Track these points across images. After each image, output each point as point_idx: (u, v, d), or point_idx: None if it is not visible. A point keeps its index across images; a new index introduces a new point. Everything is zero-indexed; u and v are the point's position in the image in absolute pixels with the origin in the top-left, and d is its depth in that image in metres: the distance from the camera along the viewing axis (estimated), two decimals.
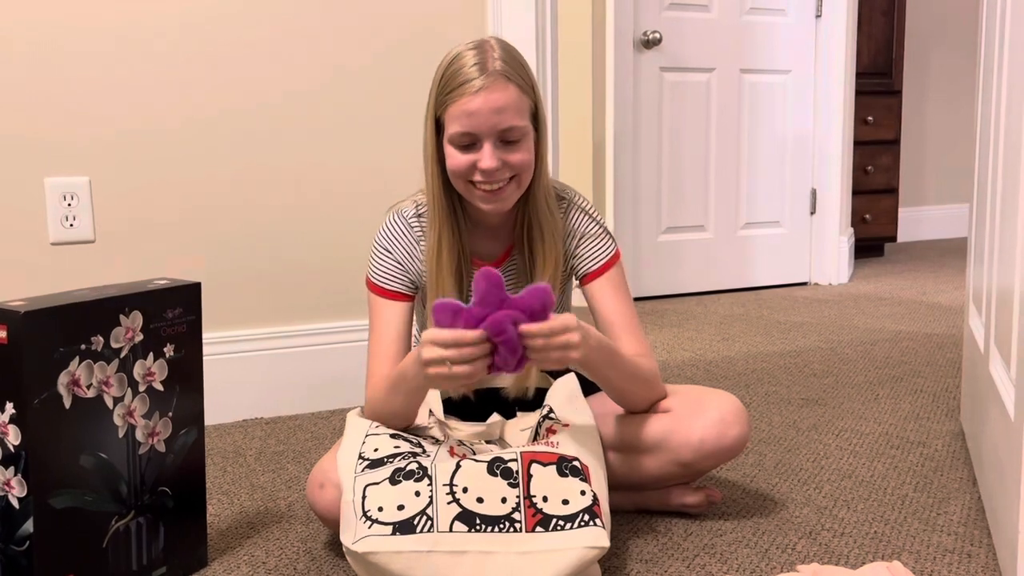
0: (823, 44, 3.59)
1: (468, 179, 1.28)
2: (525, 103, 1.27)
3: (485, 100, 1.23)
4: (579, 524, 1.13)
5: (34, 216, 1.84)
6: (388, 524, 1.11)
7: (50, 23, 1.81)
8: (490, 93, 1.23)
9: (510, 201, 1.31)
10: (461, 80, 1.24)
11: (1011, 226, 1.21)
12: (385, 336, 1.38)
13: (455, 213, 1.34)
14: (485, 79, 1.23)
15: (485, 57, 1.24)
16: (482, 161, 1.25)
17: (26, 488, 1.05)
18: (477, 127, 1.24)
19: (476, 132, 1.24)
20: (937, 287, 3.55)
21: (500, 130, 1.24)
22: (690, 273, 3.51)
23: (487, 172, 1.25)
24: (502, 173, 1.26)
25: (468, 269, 1.37)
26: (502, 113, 1.24)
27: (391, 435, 1.24)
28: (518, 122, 1.25)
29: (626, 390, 1.34)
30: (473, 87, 1.23)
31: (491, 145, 1.25)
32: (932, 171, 4.95)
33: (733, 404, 1.34)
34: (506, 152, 1.26)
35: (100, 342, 1.11)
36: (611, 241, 1.42)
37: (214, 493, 1.59)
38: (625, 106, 3.28)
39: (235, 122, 1.97)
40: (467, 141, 1.26)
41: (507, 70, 1.25)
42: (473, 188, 1.29)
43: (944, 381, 2.21)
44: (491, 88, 1.23)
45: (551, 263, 1.35)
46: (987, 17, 1.61)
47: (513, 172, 1.28)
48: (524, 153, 1.27)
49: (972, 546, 1.32)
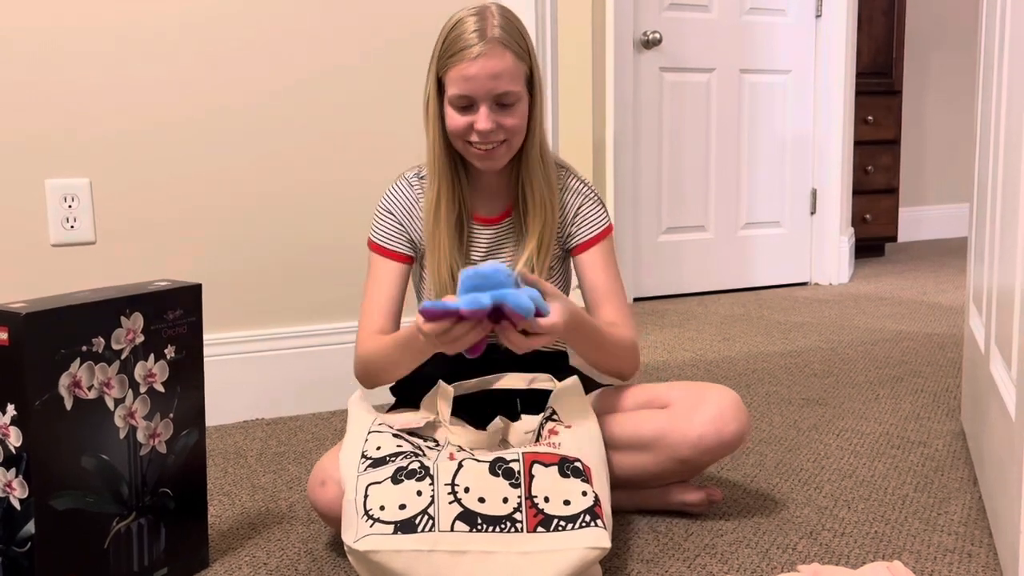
0: (823, 44, 3.60)
1: (465, 139, 1.36)
2: (521, 69, 1.34)
3: (483, 66, 1.30)
4: (580, 525, 1.13)
5: (35, 217, 1.84)
6: (389, 523, 1.11)
7: (50, 25, 1.81)
8: (487, 60, 1.30)
9: (502, 161, 1.39)
10: (461, 46, 1.31)
11: (1011, 226, 1.21)
12: (380, 293, 1.46)
13: (455, 170, 1.42)
14: (483, 46, 1.30)
15: (485, 24, 1.32)
16: (478, 123, 1.33)
17: (27, 489, 1.05)
18: (474, 91, 1.32)
19: (473, 95, 1.32)
20: (937, 287, 3.55)
21: (496, 95, 1.32)
22: (690, 273, 3.51)
23: (482, 133, 1.34)
24: (496, 135, 1.35)
25: (469, 225, 1.45)
26: (498, 79, 1.31)
27: (393, 434, 1.25)
28: (513, 87, 1.33)
29: (598, 360, 1.41)
30: (472, 53, 1.30)
31: (487, 108, 1.33)
32: (932, 171, 4.95)
33: (731, 399, 1.35)
34: (501, 115, 1.34)
35: (101, 343, 1.11)
36: (605, 213, 1.49)
37: (215, 494, 1.59)
38: (625, 106, 3.29)
39: (236, 124, 1.97)
40: (464, 103, 1.34)
41: (505, 37, 1.32)
42: (469, 147, 1.37)
43: (945, 381, 2.21)
44: (488, 55, 1.30)
45: (541, 219, 1.42)
46: (987, 17, 1.61)
47: (506, 135, 1.36)
48: (517, 118, 1.36)
49: (973, 546, 1.32)
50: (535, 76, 1.38)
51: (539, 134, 1.41)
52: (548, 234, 1.43)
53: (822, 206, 3.67)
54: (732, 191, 3.55)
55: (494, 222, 1.46)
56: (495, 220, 1.46)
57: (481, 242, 1.46)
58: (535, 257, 1.42)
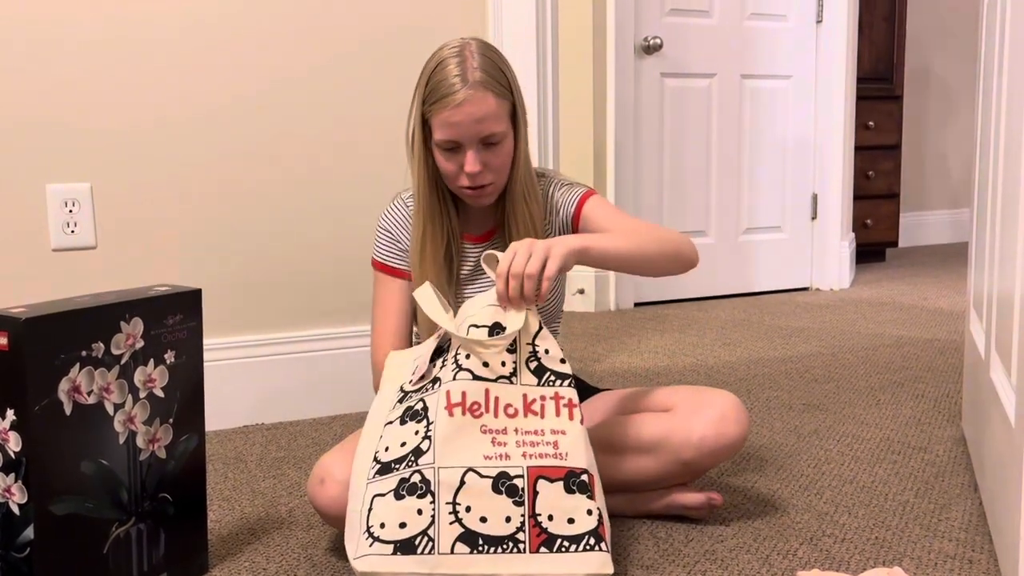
0: (824, 49, 3.60)
1: (455, 180, 1.39)
2: (504, 107, 1.36)
3: (467, 112, 1.32)
4: (584, 547, 1.13)
5: (35, 222, 1.84)
6: (389, 543, 1.11)
7: (51, 30, 1.82)
8: (471, 105, 1.32)
9: (489, 199, 1.42)
10: (444, 92, 1.33)
11: (1012, 231, 1.21)
12: (387, 309, 1.49)
13: (443, 202, 1.44)
14: (466, 91, 1.32)
15: (465, 67, 1.33)
16: (467, 165, 1.35)
17: (27, 495, 1.05)
18: (460, 136, 1.34)
19: (459, 140, 1.35)
20: (938, 292, 3.55)
21: (481, 137, 1.35)
22: (691, 278, 3.50)
23: (471, 176, 1.36)
24: (484, 176, 1.37)
25: (458, 245, 1.47)
26: (482, 122, 1.33)
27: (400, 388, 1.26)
28: (497, 128, 1.35)
29: (650, 268, 1.37)
30: (455, 100, 1.32)
31: (474, 152, 1.35)
32: (933, 176, 4.96)
33: (733, 402, 1.36)
34: (487, 155, 1.36)
35: (101, 348, 1.11)
36: (582, 186, 1.49)
37: (215, 499, 1.58)
38: (626, 112, 3.29)
39: (237, 129, 1.97)
40: (451, 146, 1.36)
41: (485, 79, 1.34)
42: (461, 189, 1.40)
43: (945, 387, 2.21)
44: (471, 100, 1.32)
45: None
46: (987, 23, 1.61)
47: (493, 176, 1.38)
48: (503, 156, 1.38)
49: (973, 552, 1.31)
50: (517, 109, 1.40)
51: (523, 163, 1.42)
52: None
53: (823, 211, 3.67)
54: (733, 196, 3.55)
55: (482, 240, 1.49)
56: (483, 238, 1.49)
57: (470, 258, 1.49)
58: None
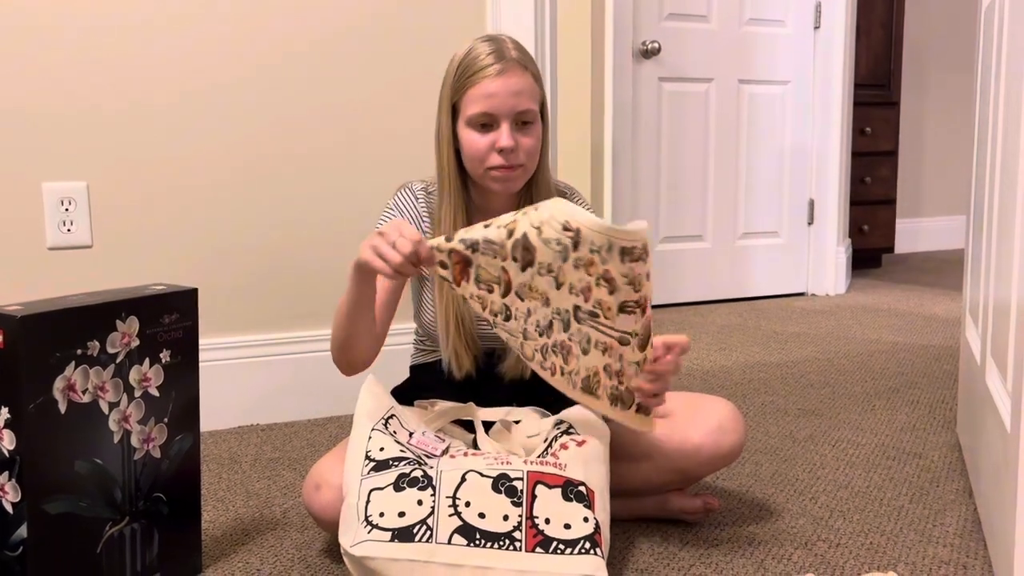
0: (822, 55, 3.60)
1: (484, 162, 1.33)
2: (537, 92, 1.35)
3: (504, 83, 1.30)
4: (579, 551, 1.13)
5: (32, 221, 1.84)
6: (387, 530, 1.11)
7: (48, 28, 1.81)
8: (509, 77, 1.31)
9: (519, 183, 1.37)
10: (481, 65, 1.31)
11: (1008, 238, 1.21)
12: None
13: (466, 196, 1.41)
14: (504, 64, 1.31)
15: (501, 47, 1.33)
16: (500, 140, 1.31)
17: (20, 493, 1.04)
18: (496, 108, 1.31)
19: (495, 112, 1.31)
20: (934, 298, 3.56)
21: (517, 112, 1.31)
22: (688, 283, 3.51)
23: (504, 151, 1.31)
24: (517, 156, 1.33)
25: None
26: (519, 96, 1.31)
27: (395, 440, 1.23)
28: (532, 106, 1.33)
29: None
30: (493, 70, 1.31)
31: (508, 125, 1.31)
32: (930, 182, 4.96)
33: (730, 411, 1.36)
34: (521, 134, 1.33)
35: (96, 347, 1.11)
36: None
37: (209, 499, 1.58)
38: (624, 116, 3.29)
39: (235, 131, 1.97)
40: (485, 120, 1.32)
41: (522, 58, 1.34)
42: (488, 172, 1.34)
43: (940, 393, 2.21)
44: (510, 72, 1.31)
45: None
46: (985, 30, 1.62)
47: (525, 156, 1.34)
48: (534, 139, 1.35)
49: (968, 558, 1.31)
50: (545, 103, 1.39)
51: (548, 164, 1.42)
52: None
53: (820, 217, 3.67)
54: (730, 201, 3.55)
55: None
56: None
57: None
58: None
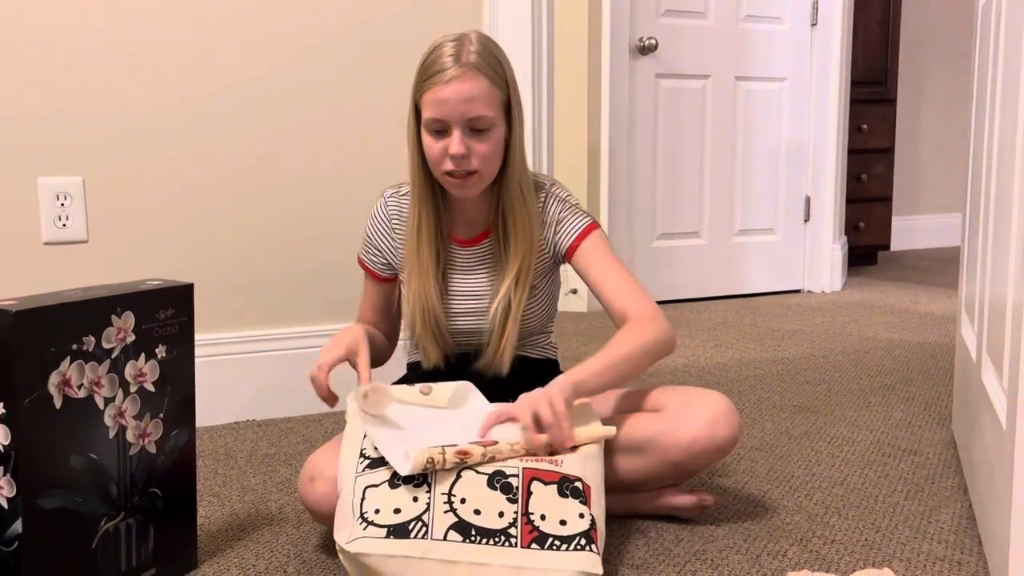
0: (818, 52, 3.61)
1: (439, 165, 1.35)
2: (496, 95, 1.33)
3: (455, 89, 1.29)
4: (575, 547, 1.13)
5: (27, 216, 1.83)
6: (383, 527, 1.11)
7: (44, 23, 1.81)
8: (460, 83, 1.29)
9: (476, 189, 1.37)
10: (436, 69, 1.31)
11: (1004, 235, 1.21)
12: (365, 306, 1.57)
13: (435, 193, 1.42)
14: (457, 69, 1.30)
15: (461, 49, 1.32)
16: (451, 147, 1.31)
17: (15, 488, 1.04)
18: (447, 114, 1.30)
19: (446, 119, 1.31)
20: (930, 296, 3.56)
21: (468, 119, 1.31)
22: (684, 279, 3.51)
23: (455, 158, 1.32)
24: (468, 162, 1.32)
25: (445, 246, 1.45)
26: (471, 103, 1.30)
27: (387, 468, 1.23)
28: (486, 112, 1.31)
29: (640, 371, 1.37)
30: (446, 76, 1.30)
31: (459, 132, 1.31)
32: (926, 180, 4.97)
33: (724, 404, 1.35)
34: (473, 141, 1.32)
35: (92, 342, 1.11)
36: (585, 215, 1.46)
37: (205, 495, 1.58)
38: (620, 112, 3.29)
39: (230, 125, 1.96)
40: (438, 127, 1.32)
41: (480, 62, 1.31)
42: (445, 176, 1.36)
43: (936, 389, 2.22)
44: (462, 78, 1.30)
45: (522, 248, 1.41)
46: (981, 27, 1.62)
47: (479, 163, 1.33)
48: (490, 144, 1.33)
49: (963, 554, 1.32)
50: (513, 104, 1.36)
51: (518, 162, 1.39)
52: (528, 263, 1.41)
53: (816, 214, 3.68)
54: (726, 198, 3.55)
55: (471, 243, 1.46)
56: (473, 242, 1.46)
57: (457, 262, 1.46)
58: (514, 285, 1.41)
